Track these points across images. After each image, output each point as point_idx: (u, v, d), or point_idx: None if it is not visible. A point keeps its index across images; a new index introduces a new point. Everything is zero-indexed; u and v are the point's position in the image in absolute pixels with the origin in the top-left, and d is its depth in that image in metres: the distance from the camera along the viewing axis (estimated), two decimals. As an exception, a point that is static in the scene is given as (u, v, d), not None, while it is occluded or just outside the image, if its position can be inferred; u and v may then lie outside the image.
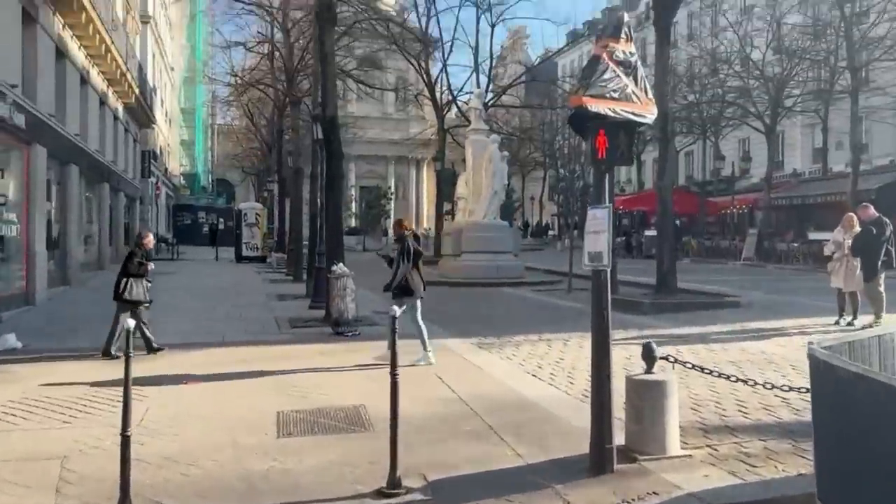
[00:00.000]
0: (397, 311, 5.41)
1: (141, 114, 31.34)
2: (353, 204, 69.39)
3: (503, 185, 23.10)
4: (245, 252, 32.22)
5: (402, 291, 9.13)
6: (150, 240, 10.39)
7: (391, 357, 4.98)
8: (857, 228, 12.52)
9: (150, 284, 9.93)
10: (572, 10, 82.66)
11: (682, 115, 38.43)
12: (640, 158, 51.84)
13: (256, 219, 32.48)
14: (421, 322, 9.14)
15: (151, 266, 9.88)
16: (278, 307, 15.70)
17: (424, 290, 9.36)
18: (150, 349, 9.67)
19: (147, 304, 9.87)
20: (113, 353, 9.35)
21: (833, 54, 33.27)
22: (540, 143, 58.96)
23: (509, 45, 58.61)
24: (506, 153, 24.19)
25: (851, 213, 12.93)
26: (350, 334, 11.56)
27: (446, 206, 34.62)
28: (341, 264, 12.23)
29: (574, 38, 70.28)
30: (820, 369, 3.79)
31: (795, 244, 28.51)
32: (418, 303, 9.22)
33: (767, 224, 33.28)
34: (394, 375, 4.90)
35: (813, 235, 28.72)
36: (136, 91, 27.80)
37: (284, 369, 8.83)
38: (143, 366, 8.36)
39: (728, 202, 37.74)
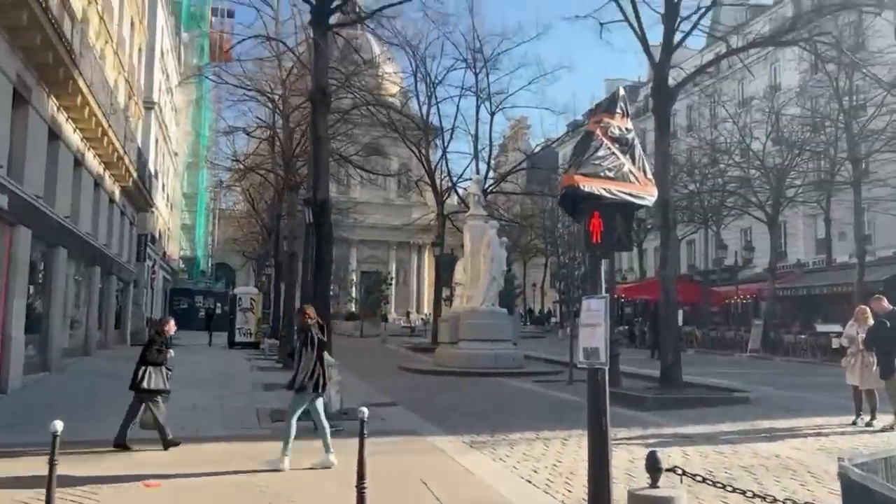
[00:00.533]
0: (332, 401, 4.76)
1: (139, 197, 31.21)
2: (354, 289, 68.95)
3: (502, 271, 22.59)
4: (238, 338, 31.48)
5: (309, 387, 8.51)
6: (171, 326, 9.95)
7: (358, 465, 4.30)
8: (871, 321, 11.89)
9: (170, 373, 9.44)
10: (571, 101, 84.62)
11: (683, 203, 38.29)
12: (642, 246, 51.57)
13: (251, 304, 31.88)
14: (324, 420, 8.55)
15: (171, 353, 9.47)
16: (263, 398, 14.92)
17: (326, 384, 8.78)
18: (165, 443, 9.09)
19: (166, 394, 9.43)
20: (126, 443, 8.97)
21: (833, 146, 33.36)
22: (541, 229, 58.99)
23: (511, 134, 59.34)
24: (504, 239, 23.81)
25: (864, 306, 12.31)
26: (332, 430, 10.78)
27: (445, 293, 34.13)
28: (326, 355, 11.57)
29: (574, 127, 71.38)
30: (854, 491, 3.17)
31: (803, 336, 27.74)
32: (320, 400, 8.68)
33: (773, 315, 32.60)
34: (361, 489, 4.21)
35: (821, 327, 27.98)
36: (134, 175, 27.70)
37: (255, 469, 8.08)
38: (104, 463, 7.69)
39: (732, 292, 37.16)
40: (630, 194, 4.83)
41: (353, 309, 65.13)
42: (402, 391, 16.44)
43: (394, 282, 77.17)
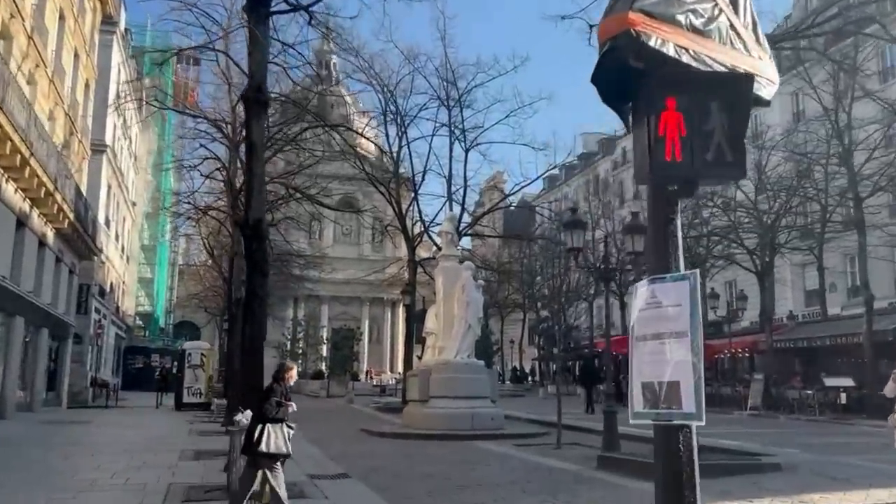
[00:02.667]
0: None
1: (79, 243, 28.38)
2: (325, 346, 65.81)
3: (478, 318, 19.95)
4: (187, 398, 28.29)
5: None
6: (293, 374, 8.17)
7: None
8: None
9: (292, 432, 7.73)
10: (552, 139, 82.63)
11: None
12: (622, 299, 49.36)
13: (202, 360, 28.79)
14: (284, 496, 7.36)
15: (293, 407, 7.76)
16: (186, 469, 12.06)
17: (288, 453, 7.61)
18: None
19: (288, 457, 7.79)
20: None
21: (823, 191, 31.61)
22: (518, 283, 56.72)
23: (486, 188, 57.49)
24: (481, 281, 21.30)
25: None
26: (255, 514, 8.05)
27: (417, 350, 31.48)
28: (248, 412, 8.84)
29: (551, 183, 69.86)
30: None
31: (809, 392, 25.28)
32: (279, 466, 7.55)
33: (771, 369, 30.17)
34: None
35: (830, 381, 25.57)
36: (71, 216, 24.97)
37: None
38: None
39: (724, 345, 34.79)
40: (737, 68, 2.36)
41: (324, 368, 61.88)
42: (359, 459, 13.64)
43: (366, 339, 74.09)
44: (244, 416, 8.93)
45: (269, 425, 7.52)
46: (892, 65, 34.13)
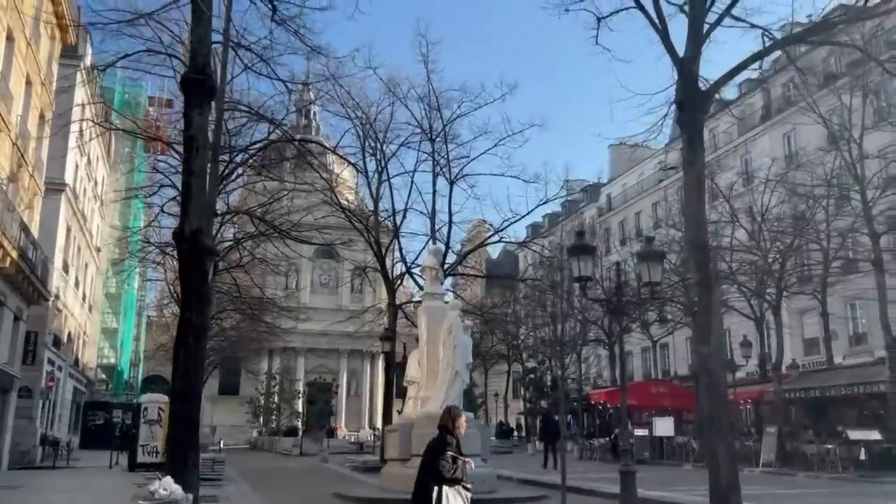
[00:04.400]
0: None
1: (26, 286, 25.81)
2: (300, 401, 62.72)
3: (467, 363, 17.55)
4: (142, 457, 25.38)
5: None
6: (464, 422, 6.97)
7: None
8: None
9: (470, 494, 6.63)
10: (542, 170, 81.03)
11: (668, 294, 34.14)
12: (612, 348, 47.19)
13: (159, 415, 25.96)
14: None
15: (471, 464, 6.71)
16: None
17: None
18: None
19: None
20: None
21: (825, 233, 29.97)
22: (503, 333, 54.45)
23: (469, 237, 55.48)
24: (469, 323, 19.01)
25: None
26: None
27: (397, 405, 28.98)
28: (168, 481, 6.48)
29: (534, 231, 68.19)
30: None
31: (829, 446, 23.00)
32: None
33: (783, 422, 27.93)
34: None
35: (855, 434, 23.33)
36: (13, 255, 22.50)
37: None
38: None
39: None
40: None
41: (300, 423, 58.76)
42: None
43: (344, 393, 71.07)
44: (163, 486, 6.60)
45: (445, 488, 6.38)
46: None
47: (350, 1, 11.73)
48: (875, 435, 22.96)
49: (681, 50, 10.51)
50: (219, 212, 20.79)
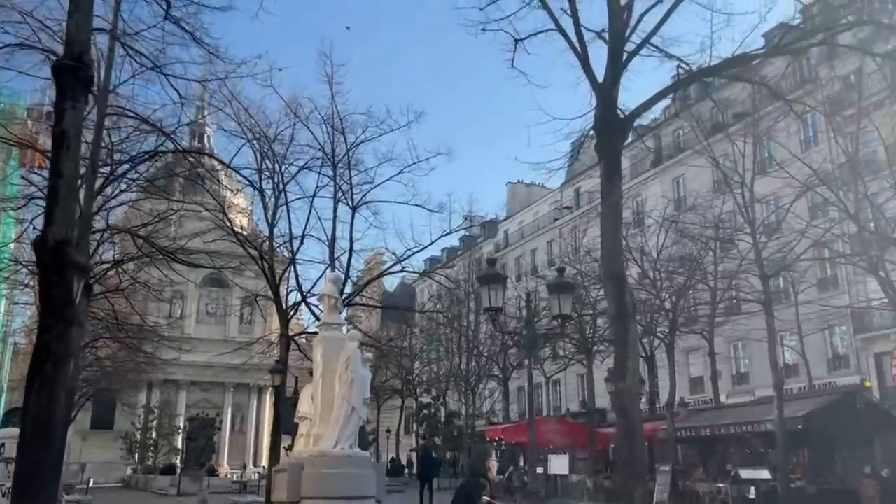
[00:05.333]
0: None
1: None
2: (179, 437, 59.24)
3: (364, 398, 16.51)
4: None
5: None
6: (494, 464, 6.00)
7: None
8: None
9: None
10: (447, 200, 79.86)
11: (557, 330, 34.31)
12: (507, 384, 47.06)
13: (18, 453, 23.47)
14: None
15: None
16: None
17: None
18: None
19: None
20: None
21: (712, 274, 30.98)
22: (398, 367, 53.51)
23: (367, 268, 54.50)
24: (369, 355, 18.02)
25: None
26: None
27: (285, 442, 27.36)
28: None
29: (432, 263, 67.93)
30: None
31: (721, 485, 23.25)
32: None
33: (674, 460, 28.22)
34: None
35: (746, 473, 23.70)
36: None
37: None
38: None
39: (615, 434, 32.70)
40: None
41: (178, 461, 55.38)
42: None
43: (228, 429, 67.81)
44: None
45: None
46: (813, 133, 34.65)
47: (253, 1, 10.87)
48: (764, 474, 23.45)
49: (600, 76, 10.25)
50: (97, 228, 19.10)
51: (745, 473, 23.64)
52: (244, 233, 29.44)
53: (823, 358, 35.03)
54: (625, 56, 10.39)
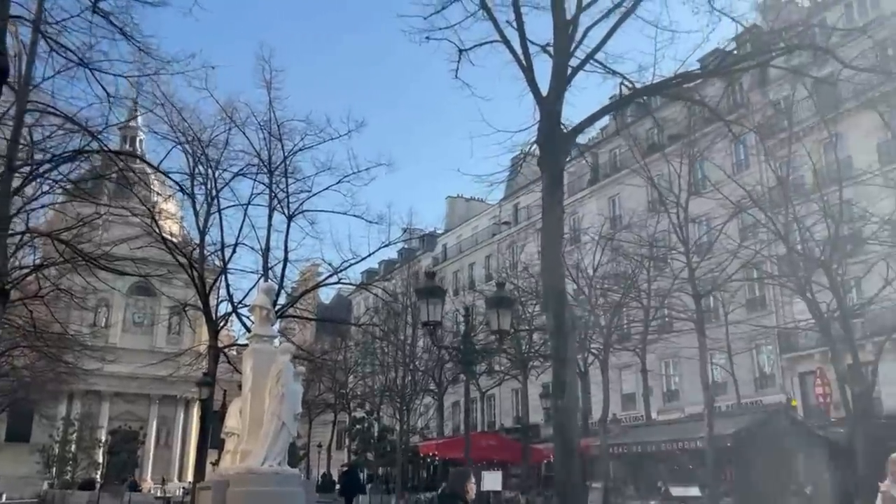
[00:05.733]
0: None
1: None
2: (100, 451, 56.86)
3: (296, 414, 15.99)
4: None
5: None
6: (473, 486, 6.11)
7: None
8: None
9: None
10: (386, 212, 78.36)
11: (494, 346, 34.31)
12: (442, 399, 46.79)
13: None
14: None
15: None
16: None
17: None
18: None
19: None
20: None
21: (646, 292, 31.48)
22: (331, 381, 52.60)
23: (302, 279, 53.59)
24: (302, 369, 17.47)
25: None
26: None
27: (212, 457, 26.44)
28: None
29: (369, 276, 67.26)
30: None
31: (653, 502, 23.43)
32: None
33: (607, 477, 28.38)
34: None
35: (677, 490, 23.93)
36: None
37: None
38: None
39: (550, 450, 32.77)
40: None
41: (98, 476, 53.12)
42: None
43: (152, 442, 65.55)
44: None
45: None
46: (745, 157, 35.52)
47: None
48: (694, 491, 23.74)
49: (545, 89, 10.15)
50: (16, 231, 18.10)
51: (676, 490, 23.90)
52: (174, 240, 28.47)
53: (751, 376, 35.91)
54: (569, 71, 10.33)
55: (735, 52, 12.68)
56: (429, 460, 43.14)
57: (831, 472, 24.65)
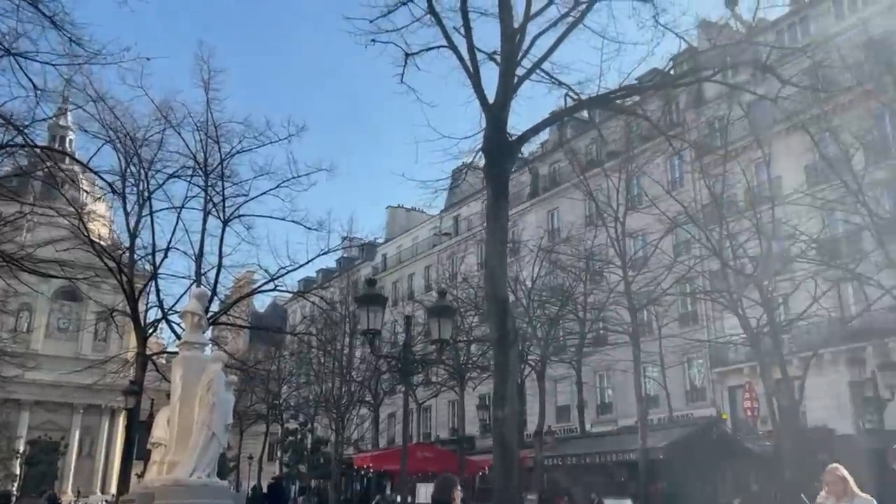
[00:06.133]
0: None
1: None
2: (17, 462, 54.25)
3: (226, 425, 15.46)
4: None
5: None
6: (459, 494, 5.97)
7: None
8: (858, 492, 7.44)
9: None
10: (326, 219, 76.45)
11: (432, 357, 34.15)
12: (378, 410, 46.26)
13: None
14: None
15: None
16: None
17: None
18: None
19: None
20: None
21: (582, 305, 31.83)
22: (264, 391, 51.48)
23: (236, 286, 52.38)
24: (234, 378, 16.96)
25: (837, 465, 7.78)
26: None
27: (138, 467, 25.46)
28: None
29: (307, 284, 66.31)
30: None
31: (591, 515, 23.55)
32: None
33: (540, 488, 28.43)
34: None
35: (608, 502, 24.09)
36: None
37: None
38: None
39: (486, 461, 32.68)
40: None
41: (14, 488, 50.66)
42: None
43: (75, 454, 62.93)
44: None
45: None
46: (681, 175, 36.18)
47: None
48: (627, 503, 23.96)
49: (491, 97, 10.07)
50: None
51: (609, 502, 24.08)
52: (102, 243, 27.41)
53: (682, 390, 36.56)
54: (516, 80, 10.28)
55: (673, 70, 12.88)
56: (363, 472, 42.55)
57: (758, 484, 25.23)
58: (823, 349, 25.16)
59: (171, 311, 25.86)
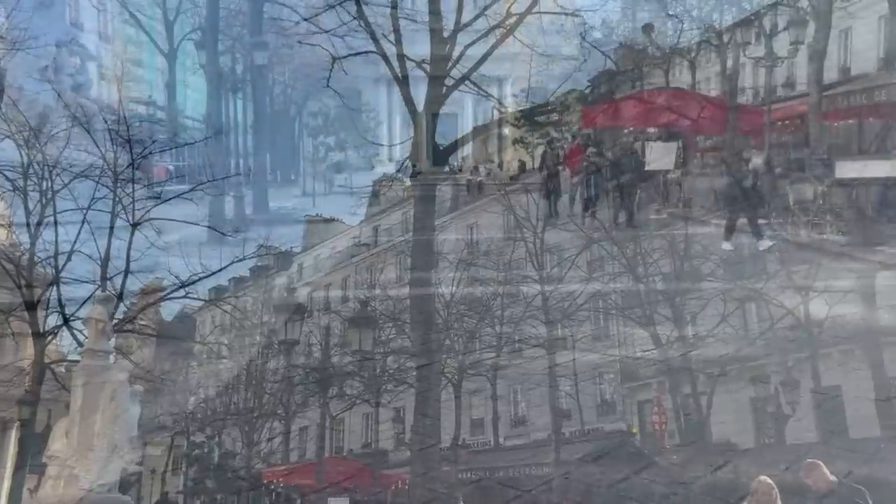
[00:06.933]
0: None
1: None
2: None
3: (130, 437, 14.79)
4: None
5: None
6: None
7: None
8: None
9: None
10: (243, 224, 73.87)
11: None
12: (290, 424, 45.32)
13: None
14: None
15: None
16: None
17: None
18: None
19: None
20: None
21: (498, 318, 32.18)
22: (170, 404, 49.78)
23: (143, 293, 50.49)
24: (139, 387, 16.24)
25: (767, 478, 7.80)
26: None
27: (30, 481, 24.15)
28: None
29: (218, 293, 64.52)
30: None
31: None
32: None
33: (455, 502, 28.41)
34: None
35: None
36: None
37: None
38: None
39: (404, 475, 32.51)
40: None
41: None
42: None
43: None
44: None
45: None
46: None
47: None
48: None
49: (420, 104, 9.97)
50: None
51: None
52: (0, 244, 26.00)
53: (594, 403, 37.21)
54: (444, 89, 10.24)
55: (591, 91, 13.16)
56: (272, 487, 41.56)
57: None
58: (730, 366, 26.10)
59: (72, 318, 24.78)
